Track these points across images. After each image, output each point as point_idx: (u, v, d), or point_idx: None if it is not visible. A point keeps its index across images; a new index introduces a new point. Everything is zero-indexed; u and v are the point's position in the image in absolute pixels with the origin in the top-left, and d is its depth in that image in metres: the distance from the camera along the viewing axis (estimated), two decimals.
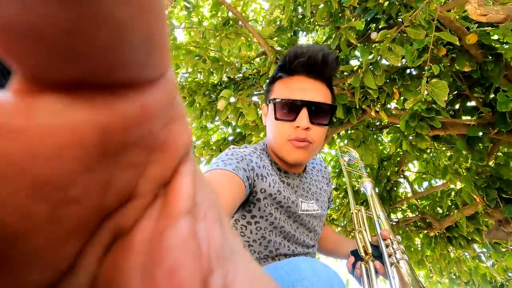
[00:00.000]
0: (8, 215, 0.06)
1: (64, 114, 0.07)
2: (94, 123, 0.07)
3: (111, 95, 0.07)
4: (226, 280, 0.09)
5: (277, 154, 0.64)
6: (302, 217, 0.66)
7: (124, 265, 0.08)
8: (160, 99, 0.08)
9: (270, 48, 1.51)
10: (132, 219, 0.08)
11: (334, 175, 2.16)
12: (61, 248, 0.07)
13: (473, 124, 1.40)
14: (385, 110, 1.57)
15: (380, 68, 1.39)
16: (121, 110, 0.07)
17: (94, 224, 0.08)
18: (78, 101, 0.07)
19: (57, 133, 0.06)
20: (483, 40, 1.30)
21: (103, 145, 0.07)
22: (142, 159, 0.08)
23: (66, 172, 0.07)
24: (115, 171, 0.08)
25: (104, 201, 0.08)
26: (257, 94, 1.81)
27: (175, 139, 0.09)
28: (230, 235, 0.11)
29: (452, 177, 1.62)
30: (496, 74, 1.25)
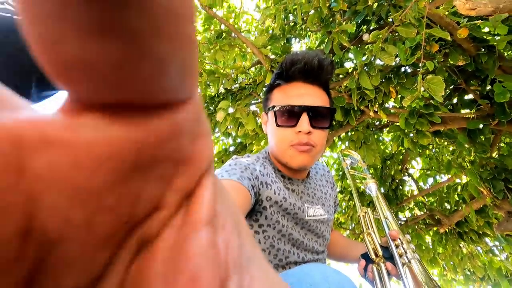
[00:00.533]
0: (50, 220, 0.07)
1: (105, 130, 0.07)
2: (130, 139, 0.08)
3: (146, 114, 0.08)
4: (243, 286, 0.09)
5: (281, 161, 0.64)
6: (310, 223, 0.65)
7: (149, 272, 0.08)
8: (189, 117, 0.09)
9: (264, 57, 1.52)
10: (157, 228, 0.09)
11: (338, 178, 2.15)
12: (94, 255, 0.08)
13: (472, 117, 1.39)
14: (384, 110, 1.57)
15: (375, 69, 1.40)
16: (155, 128, 0.08)
17: (124, 233, 0.08)
18: (118, 119, 0.08)
19: (98, 147, 0.07)
20: (474, 33, 1.31)
21: (137, 158, 0.08)
22: (170, 172, 0.09)
23: (103, 182, 0.07)
24: (145, 183, 0.08)
25: (134, 211, 0.08)
26: (255, 103, 1.82)
27: (200, 153, 0.10)
28: (248, 243, 0.11)
29: (456, 171, 1.61)
30: (491, 66, 1.25)
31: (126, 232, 0.08)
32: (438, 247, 1.98)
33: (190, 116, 0.09)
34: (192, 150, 0.09)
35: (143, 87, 0.08)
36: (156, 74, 0.08)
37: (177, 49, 0.08)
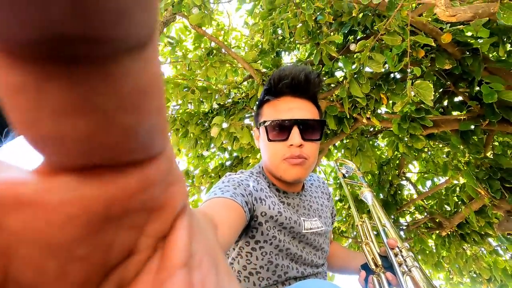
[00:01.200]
0: (24, 270, 0.07)
1: (76, 189, 0.08)
2: (100, 196, 0.08)
3: (116, 172, 0.09)
4: None
5: (275, 175, 0.64)
6: (307, 236, 0.65)
7: None
8: (160, 170, 0.10)
9: (255, 71, 1.55)
10: (133, 271, 0.09)
11: (336, 187, 2.15)
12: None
13: (463, 119, 1.41)
14: (376, 116, 1.59)
15: (364, 77, 1.42)
16: (123, 184, 0.09)
17: (99, 278, 0.09)
18: (88, 179, 0.08)
19: (68, 205, 0.08)
20: (458, 37, 1.35)
21: (107, 212, 0.08)
22: (143, 220, 0.09)
23: (73, 235, 0.08)
24: (118, 232, 0.09)
25: (108, 258, 0.09)
26: (248, 117, 1.83)
27: (173, 199, 0.10)
28: (225, 277, 0.11)
29: (453, 173, 1.61)
30: (476, 68, 1.28)
31: (101, 277, 0.09)
32: (441, 250, 1.96)
33: (161, 168, 0.10)
34: (165, 197, 0.10)
35: (111, 152, 0.08)
36: (123, 141, 0.08)
37: (143, 119, 0.08)
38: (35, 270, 0.08)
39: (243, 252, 0.60)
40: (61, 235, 0.08)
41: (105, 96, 0.07)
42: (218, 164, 2.10)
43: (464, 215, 1.67)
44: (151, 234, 0.10)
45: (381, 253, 0.61)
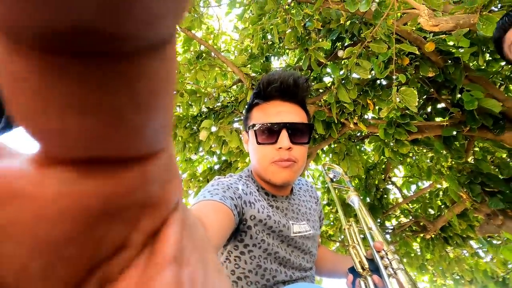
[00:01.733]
0: (7, 269, 0.07)
1: (72, 183, 0.08)
2: (98, 192, 0.08)
3: (116, 167, 0.08)
4: None
5: (264, 178, 0.65)
6: (296, 240, 0.65)
7: None
8: (160, 167, 0.09)
9: (244, 75, 1.55)
10: (120, 267, 0.09)
11: (324, 191, 2.17)
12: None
13: (446, 125, 1.46)
14: (363, 121, 1.62)
15: (352, 83, 1.45)
16: (123, 180, 0.08)
17: (84, 274, 0.08)
18: (87, 173, 0.08)
19: (62, 200, 0.07)
20: (440, 46, 1.40)
21: (104, 209, 0.08)
22: (136, 216, 0.09)
23: (64, 234, 0.07)
24: (110, 228, 0.08)
25: (96, 255, 0.08)
26: (237, 121, 1.83)
27: (168, 196, 0.10)
28: (215, 273, 0.11)
29: (436, 177, 1.66)
30: (458, 76, 1.33)
31: (87, 273, 0.08)
32: (426, 253, 2.00)
33: (161, 165, 0.09)
34: (161, 194, 0.09)
35: (115, 148, 0.08)
36: (129, 138, 0.08)
37: (153, 117, 0.08)
38: (18, 269, 0.07)
39: (232, 256, 0.60)
40: (52, 232, 0.07)
41: (118, 94, 0.07)
42: (207, 168, 2.09)
43: (447, 218, 1.72)
44: (142, 230, 0.09)
45: (367, 256, 0.61)
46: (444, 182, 1.89)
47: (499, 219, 1.31)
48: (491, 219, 1.34)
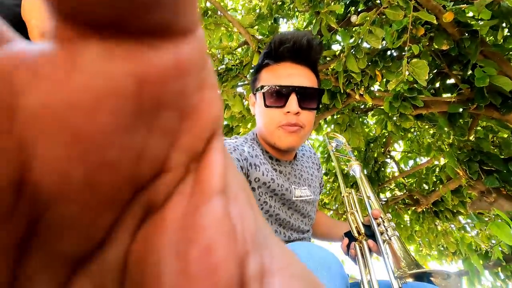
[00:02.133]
0: (46, 174, 0.06)
1: (103, 63, 0.07)
2: (131, 73, 0.07)
3: (146, 46, 0.07)
4: (263, 265, 0.08)
5: (269, 142, 0.64)
6: (296, 203, 0.67)
7: (158, 242, 0.08)
8: (193, 55, 0.08)
9: (251, 37, 1.49)
10: (164, 194, 0.08)
11: (323, 161, 2.19)
12: (95, 218, 0.07)
13: (453, 101, 1.44)
14: (369, 93, 1.59)
15: (362, 51, 1.40)
16: (156, 61, 0.07)
17: (128, 196, 0.08)
18: (116, 52, 0.07)
19: (96, 82, 0.06)
20: (459, 17, 1.32)
21: (139, 98, 0.07)
22: (175, 126, 0.08)
23: (103, 129, 0.07)
24: (149, 138, 0.07)
25: (138, 171, 0.07)
26: (241, 85, 1.80)
27: (207, 107, 0.09)
28: (261, 219, 0.10)
29: (436, 153, 1.67)
30: (473, 51, 1.28)
31: (130, 195, 0.08)
32: (415, 225, 2.09)
33: (194, 54, 0.08)
34: (199, 102, 0.08)
35: (143, 14, 0.07)
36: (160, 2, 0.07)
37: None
38: (60, 174, 0.06)
39: None
40: (89, 122, 0.06)
41: None
42: None
43: (440, 194, 1.76)
44: (184, 149, 0.08)
45: (364, 222, 0.64)
46: (442, 159, 1.91)
47: (492, 197, 1.35)
48: (484, 196, 1.38)
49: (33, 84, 0.06)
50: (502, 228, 1.02)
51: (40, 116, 0.06)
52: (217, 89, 0.09)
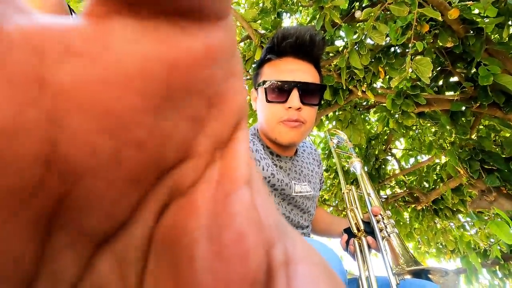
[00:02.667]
0: (75, 148, 0.06)
1: (134, 42, 0.07)
2: (162, 57, 0.07)
3: (179, 29, 0.07)
4: (287, 253, 0.09)
5: (270, 137, 0.65)
6: (296, 199, 0.67)
7: (189, 225, 0.08)
8: (223, 42, 0.08)
9: (254, 32, 1.48)
10: (190, 179, 0.08)
11: (324, 157, 2.19)
12: (120, 196, 0.07)
13: (456, 99, 1.43)
14: (372, 90, 1.58)
15: (365, 47, 1.39)
16: (187, 46, 0.07)
17: (153, 176, 0.08)
18: (149, 33, 0.07)
19: (128, 61, 0.06)
20: (464, 14, 1.31)
21: (169, 82, 0.07)
22: (203, 113, 0.08)
23: (132, 108, 0.07)
24: (177, 122, 0.08)
25: (164, 153, 0.08)
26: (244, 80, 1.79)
27: (234, 96, 0.09)
28: (277, 210, 0.10)
29: (437, 152, 1.67)
30: (478, 49, 1.27)
31: (155, 176, 0.08)
32: (414, 223, 2.09)
33: (224, 41, 0.08)
34: (226, 89, 0.08)
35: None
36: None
37: None
38: (88, 148, 0.06)
39: None
40: (119, 101, 0.06)
41: None
42: None
43: (440, 192, 1.77)
44: (210, 135, 0.08)
45: (364, 219, 0.64)
46: (443, 157, 1.91)
47: (492, 196, 1.35)
48: (485, 195, 1.38)
49: (65, 58, 0.06)
50: (501, 227, 1.02)
51: (71, 90, 0.06)
52: (242, 78, 0.09)
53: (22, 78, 0.06)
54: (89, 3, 0.07)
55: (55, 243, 0.07)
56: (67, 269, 0.07)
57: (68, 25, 0.06)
